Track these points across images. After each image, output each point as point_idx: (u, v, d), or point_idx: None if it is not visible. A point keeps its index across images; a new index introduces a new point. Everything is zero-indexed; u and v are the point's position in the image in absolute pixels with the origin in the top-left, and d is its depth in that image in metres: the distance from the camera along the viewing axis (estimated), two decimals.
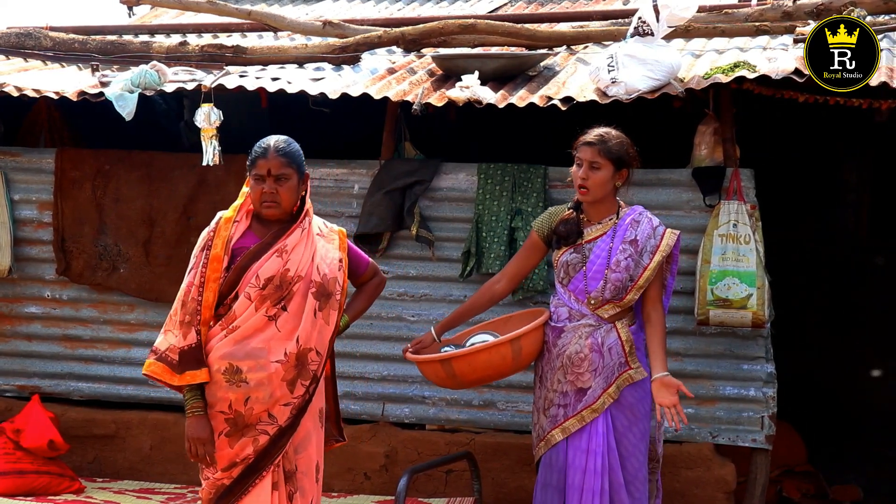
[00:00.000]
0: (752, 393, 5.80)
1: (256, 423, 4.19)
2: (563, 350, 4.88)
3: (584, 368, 4.84)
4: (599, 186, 4.82)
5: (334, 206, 6.22)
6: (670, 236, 4.87)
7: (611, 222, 4.88)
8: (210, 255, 4.22)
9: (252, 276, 4.20)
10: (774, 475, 6.64)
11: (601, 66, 5.67)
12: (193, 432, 4.17)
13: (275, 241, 4.26)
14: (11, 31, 7.02)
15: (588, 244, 4.87)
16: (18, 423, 6.13)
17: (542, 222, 5.03)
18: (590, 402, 4.84)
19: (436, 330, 5.13)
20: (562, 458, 4.88)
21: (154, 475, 6.40)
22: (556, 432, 4.89)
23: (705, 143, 5.82)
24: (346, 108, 6.22)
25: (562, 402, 4.89)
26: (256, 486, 4.19)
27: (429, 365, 5.00)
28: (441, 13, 7.65)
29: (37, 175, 6.57)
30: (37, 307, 6.61)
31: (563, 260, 4.90)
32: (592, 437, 4.82)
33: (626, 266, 4.79)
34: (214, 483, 4.21)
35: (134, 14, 8.20)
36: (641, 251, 4.82)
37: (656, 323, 4.84)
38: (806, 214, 8.59)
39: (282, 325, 4.22)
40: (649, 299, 4.86)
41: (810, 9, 6.22)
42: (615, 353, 4.82)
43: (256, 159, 4.29)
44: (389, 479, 6.07)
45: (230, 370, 4.16)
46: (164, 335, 4.24)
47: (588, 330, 4.85)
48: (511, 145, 7.48)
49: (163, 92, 6.11)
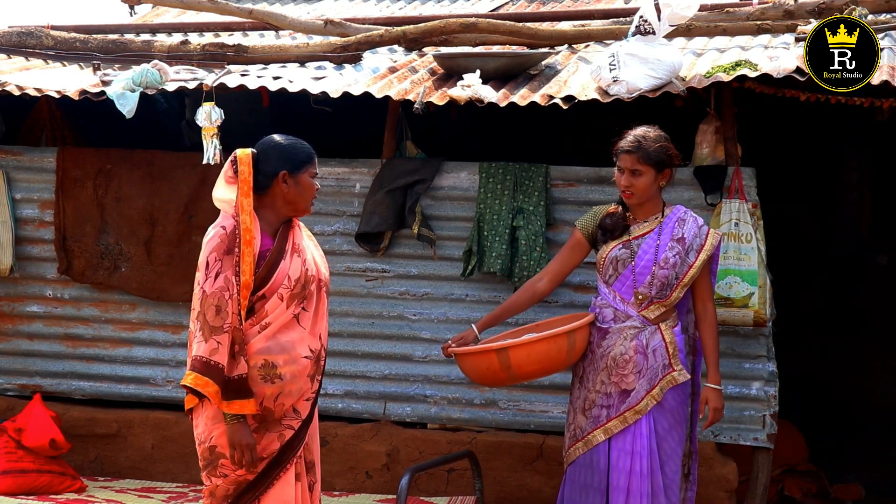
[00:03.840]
0: (754, 392, 5.80)
1: (282, 419, 4.18)
2: (608, 351, 4.89)
3: (628, 370, 4.85)
4: (644, 191, 4.86)
5: (336, 204, 6.22)
6: (714, 236, 4.95)
7: (656, 220, 4.91)
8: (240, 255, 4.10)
9: (283, 276, 4.17)
10: (776, 474, 6.63)
11: (603, 64, 5.67)
12: (240, 438, 4.08)
13: (286, 240, 4.25)
14: (13, 30, 7.01)
15: (636, 240, 4.90)
16: (20, 422, 6.13)
17: (586, 220, 5.05)
18: (633, 403, 4.85)
19: (477, 327, 5.13)
20: (603, 459, 4.88)
21: (156, 474, 6.40)
22: (598, 433, 4.89)
23: (707, 142, 5.82)
24: (348, 106, 6.22)
25: (605, 402, 4.90)
26: (281, 479, 4.18)
27: (481, 357, 4.95)
28: (442, 12, 7.65)
29: (38, 174, 6.58)
30: (38, 306, 6.61)
31: (612, 255, 4.90)
32: (637, 439, 4.83)
33: (673, 263, 4.82)
34: (235, 479, 4.17)
35: (135, 13, 8.21)
36: (688, 249, 4.86)
37: (711, 320, 4.96)
38: (806, 214, 8.60)
39: (304, 322, 4.22)
40: (700, 298, 4.96)
41: (812, 7, 6.22)
42: (659, 355, 4.84)
43: (313, 159, 4.29)
44: (391, 478, 6.07)
45: (266, 366, 4.12)
46: (206, 343, 4.03)
47: (633, 332, 4.87)
48: (512, 144, 7.49)
49: (164, 91, 6.11)
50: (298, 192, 4.24)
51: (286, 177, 4.21)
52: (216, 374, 4.02)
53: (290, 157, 4.23)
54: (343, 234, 6.23)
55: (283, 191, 4.22)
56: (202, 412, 4.19)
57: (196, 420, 4.24)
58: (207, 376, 4.02)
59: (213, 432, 4.17)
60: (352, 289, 6.21)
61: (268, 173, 4.20)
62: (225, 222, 4.14)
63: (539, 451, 5.98)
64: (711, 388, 4.94)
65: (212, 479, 4.21)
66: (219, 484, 4.19)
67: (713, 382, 4.94)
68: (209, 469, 4.20)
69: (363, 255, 6.20)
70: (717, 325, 5.03)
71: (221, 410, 4.09)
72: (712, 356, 4.97)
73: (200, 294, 4.09)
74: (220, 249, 4.10)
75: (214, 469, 4.19)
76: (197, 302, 4.11)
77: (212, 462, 4.18)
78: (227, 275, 4.07)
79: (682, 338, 4.94)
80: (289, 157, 4.23)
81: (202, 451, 4.22)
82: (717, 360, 4.98)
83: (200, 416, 4.20)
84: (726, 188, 5.75)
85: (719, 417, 4.99)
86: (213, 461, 4.18)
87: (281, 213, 4.25)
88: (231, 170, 4.18)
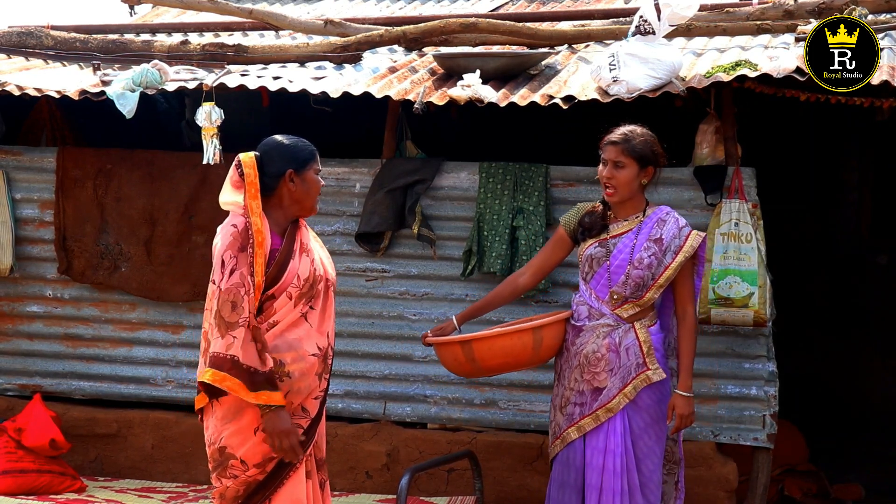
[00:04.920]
0: (754, 392, 5.80)
1: (291, 417, 4.18)
2: (581, 349, 4.90)
3: (600, 368, 4.85)
4: (625, 185, 4.85)
5: (336, 204, 6.22)
6: (695, 238, 4.90)
7: (637, 220, 4.91)
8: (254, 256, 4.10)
9: (293, 276, 4.19)
10: (776, 474, 6.63)
11: (603, 64, 5.67)
12: (279, 426, 4.08)
13: (294, 240, 4.26)
14: (13, 30, 7.02)
15: (613, 239, 4.90)
16: (20, 422, 6.13)
17: (569, 217, 5.07)
18: (605, 401, 4.85)
19: (457, 318, 5.17)
20: (579, 457, 4.89)
21: (156, 474, 6.40)
22: (572, 430, 4.91)
23: (707, 142, 5.82)
24: (348, 106, 6.22)
25: (578, 400, 4.91)
26: (291, 478, 4.19)
27: (448, 348, 5.01)
28: (442, 12, 7.66)
29: (38, 174, 6.57)
30: (38, 306, 6.61)
31: (588, 253, 4.92)
32: (610, 437, 4.83)
33: (648, 264, 4.81)
34: (245, 480, 4.16)
35: (135, 13, 8.21)
36: (665, 250, 4.85)
37: (690, 323, 4.90)
38: (807, 214, 8.60)
39: (311, 320, 4.24)
40: (679, 300, 4.93)
41: (812, 7, 6.22)
42: (633, 353, 4.84)
43: (316, 156, 4.30)
44: (391, 478, 6.07)
45: (275, 363, 4.13)
46: (223, 338, 4.03)
47: (606, 330, 4.87)
48: (512, 144, 7.49)
49: (164, 91, 6.11)
50: (305, 189, 4.25)
51: (292, 175, 4.22)
52: (234, 368, 4.02)
53: (294, 156, 4.25)
54: (343, 234, 6.23)
55: (291, 189, 4.23)
56: (211, 413, 4.19)
57: (206, 422, 4.24)
58: (225, 371, 4.03)
59: (222, 433, 4.16)
60: (352, 289, 6.21)
61: (273, 174, 4.21)
62: (236, 220, 4.14)
63: (539, 451, 5.98)
64: (680, 395, 4.87)
65: (222, 481, 4.20)
66: (229, 485, 4.18)
67: (682, 389, 4.87)
68: (219, 470, 4.19)
69: (363, 255, 6.20)
70: (697, 330, 4.97)
71: (232, 411, 4.11)
72: (685, 361, 4.90)
73: (216, 292, 4.08)
74: (235, 247, 4.09)
75: (224, 470, 4.17)
76: (212, 300, 4.10)
77: (222, 463, 4.17)
78: (243, 271, 4.07)
79: (660, 337, 4.92)
80: (293, 156, 4.25)
81: (212, 452, 4.20)
82: (690, 366, 4.91)
83: (210, 418, 4.20)
84: (726, 188, 5.74)
85: (687, 424, 4.91)
86: (223, 462, 4.17)
87: (289, 212, 4.27)
88: (236, 174, 4.19)
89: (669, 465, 5.06)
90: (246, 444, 4.15)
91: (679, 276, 4.89)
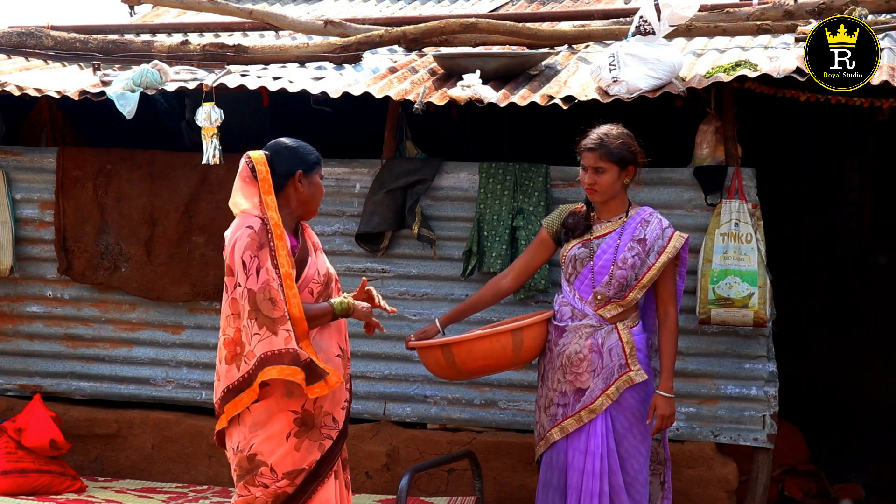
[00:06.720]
0: (754, 392, 5.80)
1: (321, 427, 4.18)
2: (564, 349, 4.89)
3: (582, 369, 4.85)
4: (607, 188, 4.86)
5: (336, 205, 6.22)
6: (678, 239, 4.89)
7: (620, 220, 4.91)
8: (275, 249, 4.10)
9: (314, 271, 4.22)
10: (776, 474, 6.63)
11: (603, 65, 5.67)
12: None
13: (307, 237, 4.30)
14: (13, 31, 7.02)
15: (596, 240, 4.90)
16: (20, 422, 6.13)
17: (552, 218, 5.07)
18: (588, 402, 4.85)
19: (440, 322, 5.15)
20: (562, 458, 4.89)
21: (156, 474, 6.40)
22: (555, 431, 4.91)
23: (707, 142, 5.82)
24: (348, 107, 6.22)
25: (561, 401, 4.91)
26: (319, 492, 4.19)
27: (429, 352, 4.99)
28: (442, 12, 7.66)
29: (38, 174, 6.58)
30: (38, 306, 6.61)
31: (571, 254, 4.92)
32: (591, 439, 4.83)
33: (631, 264, 4.81)
34: (275, 492, 4.12)
35: (135, 13, 8.22)
36: (648, 251, 4.84)
37: (671, 325, 4.88)
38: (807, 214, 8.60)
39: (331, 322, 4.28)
40: (661, 301, 4.91)
41: (812, 7, 6.22)
42: (615, 354, 4.84)
43: (321, 161, 4.33)
44: (391, 479, 6.07)
45: None
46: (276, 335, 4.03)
47: (589, 330, 4.87)
48: (512, 144, 7.49)
49: (164, 91, 6.11)
50: (311, 192, 4.28)
51: (301, 176, 4.25)
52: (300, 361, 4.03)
53: (303, 158, 4.28)
54: (343, 234, 6.23)
55: (298, 190, 4.25)
56: (237, 423, 4.15)
57: (230, 430, 4.18)
58: (295, 365, 4.03)
59: (252, 441, 4.13)
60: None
61: (283, 173, 4.23)
62: (250, 222, 4.13)
63: None
64: (661, 396, 4.84)
65: (250, 489, 4.15)
66: (258, 495, 4.14)
67: (664, 390, 4.85)
68: (247, 478, 4.15)
69: (363, 256, 6.20)
70: (678, 331, 4.94)
71: (263, 418, 4.10)
72: (667, 362, 4.88)
73: (247, 294, 4.06)
74: (253, 247, 4.09)
75: (253, 479, 4.14)
76: (245, 302, 4.07)
77: (251, 471, 4.14)
78: (268, 266, 4.07)
79: (643, 337, 4.92)
80: (302, 158, 4.28)
81: (239, 459, 4.15)
82: (672, 367, 4.88)
83: (237, 427, 4.15)
84: (726, 188, 5.74)
85: (668, 425, 4.89)
86: (252, 470, 4.13)
87: (294, 213, 4.29)
88: (247, 169, 4.20)
89: (654, 465, 5.04)
90: (277, 451, 4.12)
91: (661, 277, 4.88)
